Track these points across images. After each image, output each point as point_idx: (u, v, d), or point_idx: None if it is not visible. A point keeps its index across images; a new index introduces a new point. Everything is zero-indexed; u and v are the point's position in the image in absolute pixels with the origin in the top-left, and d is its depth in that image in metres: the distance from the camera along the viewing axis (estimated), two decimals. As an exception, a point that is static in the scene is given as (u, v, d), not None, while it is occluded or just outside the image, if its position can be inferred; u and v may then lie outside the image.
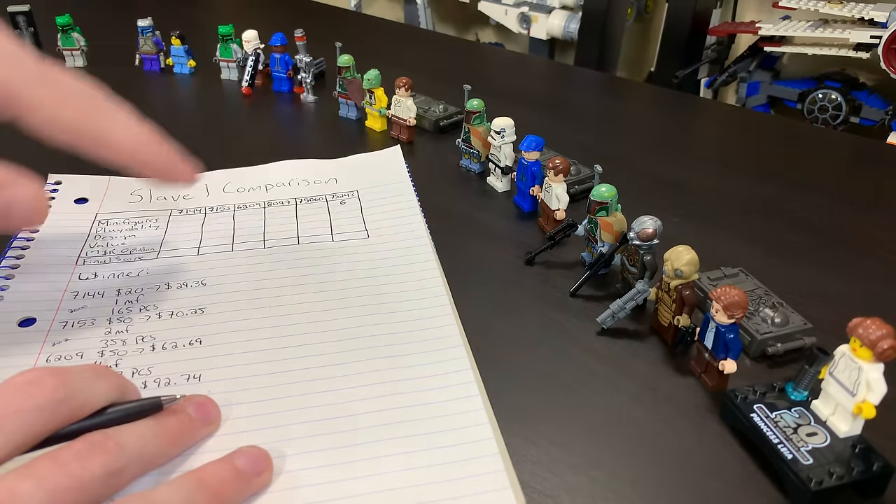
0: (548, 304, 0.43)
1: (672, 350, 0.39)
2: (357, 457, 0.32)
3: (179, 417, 0.32)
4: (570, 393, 0.36)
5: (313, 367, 0.37)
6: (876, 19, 1.12)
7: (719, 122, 0.72)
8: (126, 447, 0.29)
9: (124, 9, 0.97)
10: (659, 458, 0.33)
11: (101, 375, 0.31)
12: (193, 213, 0.51)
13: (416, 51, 0.88)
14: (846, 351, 0.30)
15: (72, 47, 0.77)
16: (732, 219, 0.52)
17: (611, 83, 0.90)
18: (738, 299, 0.33)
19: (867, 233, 0.50)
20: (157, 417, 0.31)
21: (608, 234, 0.43)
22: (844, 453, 0.30)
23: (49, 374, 0.29)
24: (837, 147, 0.67)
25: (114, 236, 0.48)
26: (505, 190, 0.55)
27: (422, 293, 0.42)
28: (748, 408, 0.33)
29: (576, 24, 1.41)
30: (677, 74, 1.27)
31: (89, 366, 0.32)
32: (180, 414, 0.32)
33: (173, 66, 0.78)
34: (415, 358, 0.37)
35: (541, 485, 0.31)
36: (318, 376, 0.36)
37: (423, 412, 0.34)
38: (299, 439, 0.32)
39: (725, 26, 1.33)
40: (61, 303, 0.41)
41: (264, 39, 0.72)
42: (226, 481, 0.29)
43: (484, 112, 0.56)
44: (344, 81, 0.65)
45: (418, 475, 0.31)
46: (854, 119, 1.23)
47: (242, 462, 0.30)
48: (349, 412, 0.34)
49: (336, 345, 0.38)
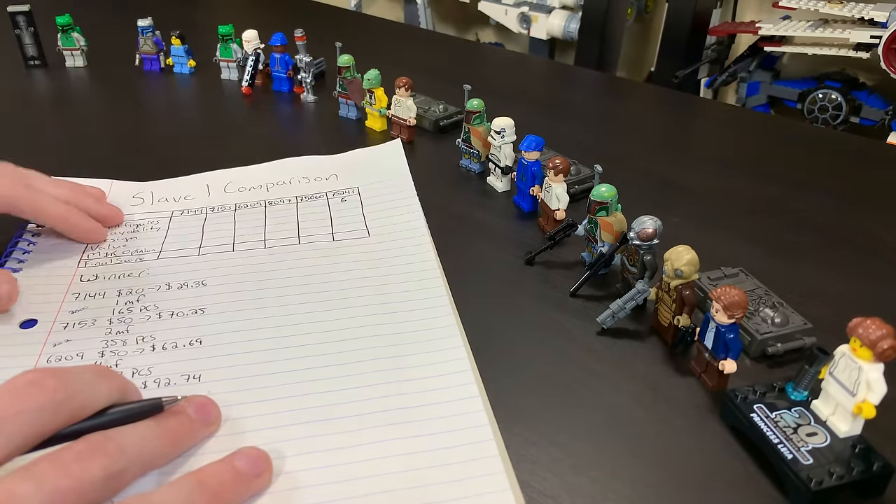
0: (548, 304, 0.43)
1: (672, 350, 0.39)
2: (357, 458, 0.32)
3: (180, 419, 0.32)
4: (570, 393, 0.36)
5: (313, 367, 0.37)
6: (876, 19, 1.12)
7: (719, 122, 0.72)
8: (126, 449, 0.29)
9: (124, 9, 0.97)
10: (659, 458, 0.33)
11: (101, 376, 0.31)
12: (195, 213, 0.51)
13: (416, 51, 0.88)
14: (846, 351, 0.30)
15: (72, 47, 0.77)
16: (732, 219, 0.52)
17: (611, 83, 0.90)
18: (738, 299, 0.33)
19: (867, 233, 0.50)
20: (158, 418, 0.31)
21: (608, 234, 0.43)
22: (844, 453, 0.30)
23: (50, 374, 0.29)
24: (837, 147, 0.67)
25: (115, 238, 0.48)
26: (505, 190, 0.55)
27: (422, 293, 0.42)
28: (748, 408, 0.33)
29: (576, 24, 1.41)
30: (677, 74, 1.27)
31: (90, 366, 0.32)
32: (181, 415, 0.32)
33: (173, 66, 0.78)
34: (415, 359, 0.37)
35: (541, 485, 0.31)
36: (318, 377, 0.36)
37: (424, 413, 0.34)
38: (299, 440, 0.32)
39: (725, 26, 1.33)
40: (62, 304, 0.41)
41: (264, 39, 0.72)
42: (225, 482, 0.29)
43: (484, 112, 0.56)
44: (344, 81, 0.65)
45: (418, 476, 0.31)
46: (854, 119, 1.23)
47: (242, 463, 0.30)
48: (349, 413, 0.34)
49: (336, 345, 0.38)
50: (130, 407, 0.31)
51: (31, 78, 0.76)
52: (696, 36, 1.31)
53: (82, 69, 0.78)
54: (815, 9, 1.18)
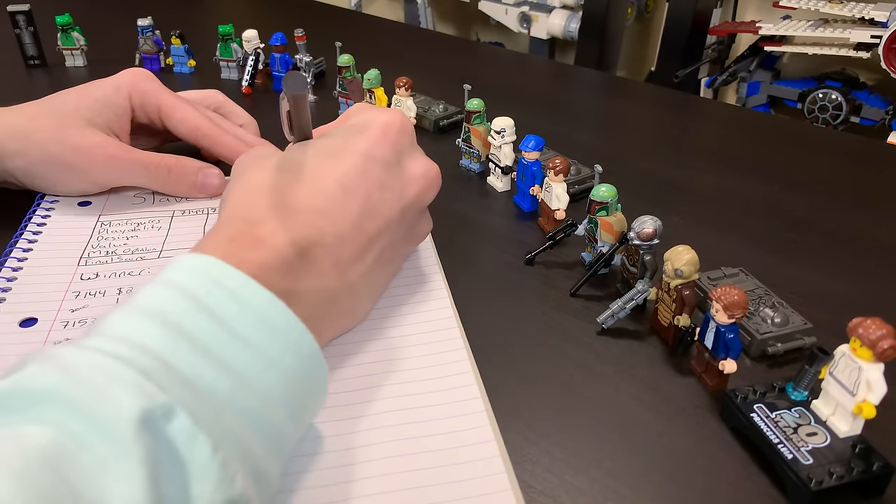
0: (548, 304, 0.43)
1: (672, 350, 0.39)
2: (357, 459, 0.32)
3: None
4: (570, 393, 0.36)
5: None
6: (876, 19, 1.12)
7: (719, 122, 0.72)
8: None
9: (124, 8, 0.97)
10: (659, 458, 0.33)
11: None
12: (195, 213, 0.51)
13: (416, 51, 0.88)
14: (846, 351, 0.30)
15: (72, 47, 0.77)
16: (732, 219, 0.52)
17: (611, 83, 0.90)
18: (738, 299, 0.33)
19: (867, 233, 0.50)
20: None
21: (608, 234, 0.43)
22: (844, 453, 0.30)
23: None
24: (837, 147, 0.67)
25: (116, 237, 0.48)
26: (505, 190, 0.55)
27: (422, 293, 0.42)
28: (748, 408, 0.33)
29: (576, 24, 1.41)
30: (677, 74, 1.27)
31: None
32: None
33: (173, 66, 0.78)
34: (415, 360, 0.37)
35: (541, 485, 0.31)
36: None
37: (424, 413, 0.34)
38: (298, 441, 0.32)
39: (726, 26, 1.33)
40: (63, 302, 0.41)
41: (264, 39, 0.72)
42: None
43: (484, 112, 0.56)
44: (344, 81, 0.65)
45: (419, 477, 0.31)
46: (854, 119, 1.23)
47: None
48: (348, 414, 0.34)
49: (335, 347, 0.38)
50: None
51: (31, 77, 0.76)
52: (697, 36, 1.31)
53: (82, 69, 0.78)
54: (815, 8, 1.18)
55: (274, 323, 0.28)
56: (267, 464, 0.27)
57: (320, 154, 0.37)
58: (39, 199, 0.51)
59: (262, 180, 0.36)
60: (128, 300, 0.28)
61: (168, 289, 0.28)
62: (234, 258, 0.30)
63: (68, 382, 0.23)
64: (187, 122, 0.51)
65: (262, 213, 0.34)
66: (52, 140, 0.47)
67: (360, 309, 0.38)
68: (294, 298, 0.30)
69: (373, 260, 0.37)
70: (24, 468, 0.20)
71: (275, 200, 0.34)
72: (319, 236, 0.34)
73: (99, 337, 0.26)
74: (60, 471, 0.21)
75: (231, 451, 0.25)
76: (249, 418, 0.26)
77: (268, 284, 0.29)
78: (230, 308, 0.28)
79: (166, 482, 0.22)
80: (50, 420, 0.22)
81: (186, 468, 0.23)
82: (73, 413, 0.22)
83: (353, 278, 0.36)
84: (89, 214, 0.50)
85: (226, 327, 0.27)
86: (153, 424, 0.23)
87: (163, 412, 0.23)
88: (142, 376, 0.24)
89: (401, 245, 0.40)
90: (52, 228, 0.48)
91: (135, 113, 0.51)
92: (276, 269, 0.31)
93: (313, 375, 0.29)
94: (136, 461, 0.22)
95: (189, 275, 0.28)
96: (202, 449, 0.23)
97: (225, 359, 0.26)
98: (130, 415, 0.22)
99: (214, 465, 0.23)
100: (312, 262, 0.33)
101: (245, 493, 0.24)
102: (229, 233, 0.33)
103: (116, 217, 0.50)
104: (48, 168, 0.48)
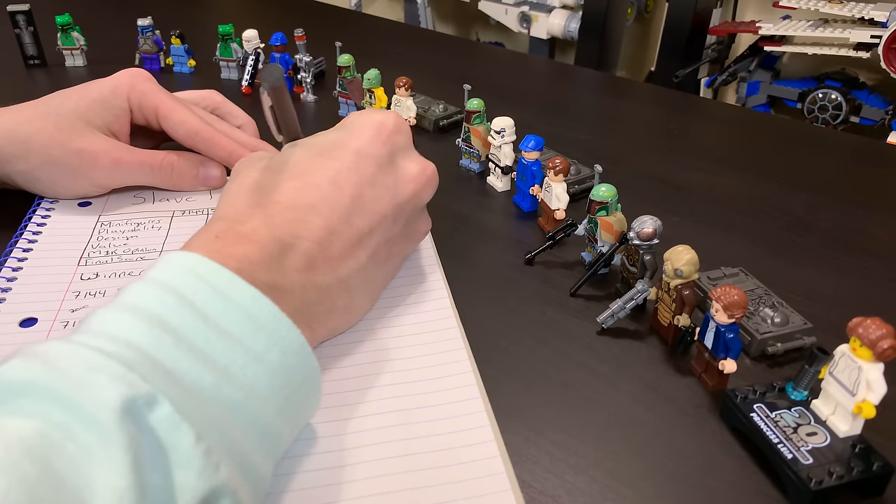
0: (548, 304, 0.43)
1: (672, 350, 0.39)
2: (356, 459, 0.32)
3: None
4: (570, 393, 0.36)
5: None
6: (876, 19, 1.13)
7: (719, 122, 0.72)
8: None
9: (124, 8, 0.97)
10: (659, 458, 0.33)
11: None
12: (195, 213, 0.51)
13: (416, 51, 0.88)
14: (846, 351, 0.30)
15: (72, 46, 0.77)
16: (732, 219, 0.52)
17: (611, 83, 0.90)
18: (738, 299, 0.33)
19: (867, 233, 0.50)
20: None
21: (608, 234, 0.43)
22: (844, 453, 0.30)
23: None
24: (837, 147, 0.67)
25: (116, 237, 0.48)
26: (505, 190, 0.55)
27: (422, 293, 0.42)
28: (748, 407, 0.33)
29: (576, 24, 1.41)
30: (677, 74, 1.27)
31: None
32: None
33: (173, 66, 0.78)
34: (415, 360, 0.37)
35: (541, 485, 0.31)
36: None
37: (424, 413, 0.34)
38: (298, 441, 0.32)
39: (725, 26, 1.33)
40: (63, 302, 0.41)
41: (264, 39, 0.72)
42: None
43: (484, 112, 0.56)
44: (344, 81, 0.65)
45: (419, 477, 0.31)
46: (854, 119, 1.23)
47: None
48: (348, 414, 0.34)
49: (335, 348, 0.38)
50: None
51: (31, 77, 0.76)
52: (697, 36, 1.31)
53: (82, 68, 0.78)
54: (815, 8, 1.18)
55: (258, 318, 0.28)
56: (256, 459, 0.27)
57: (311, 153, 0.38)
58: (39, 199, 0.51)
59: (250, 180, 0.36)
60: (115, 298, 0.28)
61: (154, 286, 0.28)
62: (219, 254, 0.30)
63: (50, 373, 0.23)
64: (185, 125, 0.51)
65: (246, 210, 0.34)
66: (52, 143, 0.47)
67: (358, 307, 0.38)
68: (281, 292, 0.31)
69: (367, 257, 0.37)
70: (7, 458, 0.21)
71: (260, 199, 0.35)
72: (306, 230, 0.34)
73: (84, 333, 0.26)
74: (44, 460, 0.21)
75: (216, 442, 0.25)
76: (236, 412, 0.27)
77: (252, 278, 0.29)
78: (215, 304, 0.28)
79: (150, 470, 0.23)
80: (33, 411, 0.22)
81: (169, 456, 0.23)
82: (56, 403, 0.23)
83: (346, 274, 0.36)
84: (89, 214, 0.50)
85: (210, 323, 0.27)
86: (136, 413, 0.23)
87: (145, 401, 0.23)
88: (125, 367, 0.24)
89: (398, 243, 0.40)
90: (52, 228, 0.48)
91: (133, 114, 0.51)
92: (261, 263, 0.32)
93: (302, 370, 0.29)
94: (119, 449, 0.22)
95: (175, 273, 0.29)
96: (185, 437, 0.23)
97: (210, 354, 0.27)
98: (113, 404, 0.23)
99: (197, 453, 0.23)
100: (300, 255, 0.33)
101: (229, 483, 0.24)
102: (215, 231, 0.33)
103: (116, 217, 0.50)
104: (50, 172, 0.48)
